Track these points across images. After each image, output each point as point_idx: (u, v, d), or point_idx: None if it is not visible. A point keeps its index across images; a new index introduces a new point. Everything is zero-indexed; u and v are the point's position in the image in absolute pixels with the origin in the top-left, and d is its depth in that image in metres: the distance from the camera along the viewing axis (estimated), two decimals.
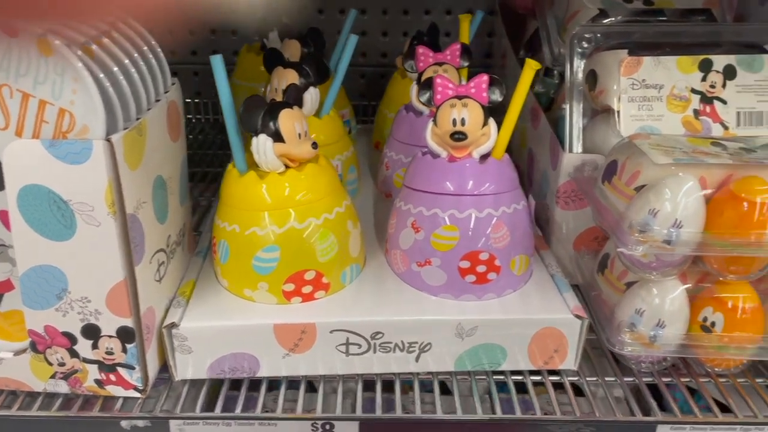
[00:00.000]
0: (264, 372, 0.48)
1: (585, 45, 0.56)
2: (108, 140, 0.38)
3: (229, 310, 0.48)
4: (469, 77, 0.52)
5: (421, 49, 0.60)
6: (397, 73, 0.76)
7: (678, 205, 0.43)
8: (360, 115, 0.94)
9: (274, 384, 0.49)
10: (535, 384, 0.50)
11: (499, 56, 0.90)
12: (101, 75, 0.39)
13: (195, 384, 0.49)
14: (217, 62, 0.45)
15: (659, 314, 0.47)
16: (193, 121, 0.99)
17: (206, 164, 0.84)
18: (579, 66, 0.56)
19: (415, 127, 0.61)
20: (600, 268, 0.54)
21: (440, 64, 0.60)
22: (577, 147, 0.56)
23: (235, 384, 0.49)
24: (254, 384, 0.49)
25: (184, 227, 0.52)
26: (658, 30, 0.56)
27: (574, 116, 0.56)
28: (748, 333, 0.47)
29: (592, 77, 0.56)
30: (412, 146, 0.62)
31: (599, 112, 0.57)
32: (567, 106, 0.56)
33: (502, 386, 0.49)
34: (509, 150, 0.50)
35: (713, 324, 0.47)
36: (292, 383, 0.49)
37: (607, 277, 0.53)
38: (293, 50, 0.70)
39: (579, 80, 0.56)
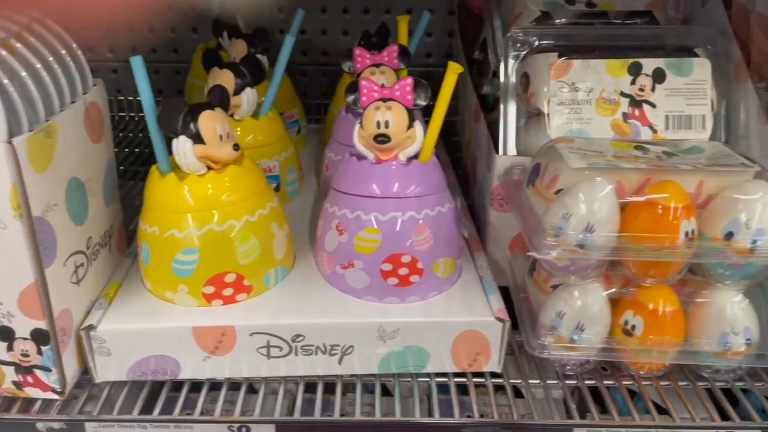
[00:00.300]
0: (186, 374, 0.48)
1: (519, 47, 0.56)
2: (9, 143, 0.38)
3: (150, 312, 0.48)
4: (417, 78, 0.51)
5: (358, 51, 0.60)
6: (346, 73, 0.76)
7: (591, 209, 0.43)
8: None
9: (196, 386, 0.49)
10: (477, 386, 0.51)
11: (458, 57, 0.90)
12: (5, 80, 0.38)
13: (117, 386, 0.49)
14: (137, 63, 0.44)
15: (579, 317, 0.47)
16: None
17: (152, 161, 0.83)
18: (514, 68, 0.56)
19: (353, 128, 0.61)
20: (530, 271, 0.54)
21: (378, 65, 0.60)
22: (512, 149, 0.56)
23: (160, 385, 0.49)
24: (177, 385, 0.49)
25: (111, 228, 0.52)
26: (592, 33, 0.56)
27: (509, 118, 0.56)
28: (668, 336, 0.47)
29: (525, 80, 0.56)
30: (350, 147, 0.61)
31: (534, 115, 0.57)
32: (501, 108, 0.56)
33: (444, 388, 0.49)
34: (459, 151, 0.50)
35: (633, 327, 0.48)
36: (215, 385, 0.49)
37: (535, 279, 0.53)
38: (240, 50, 0.70)
39: (513, 82, 0.56)
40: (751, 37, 0.58)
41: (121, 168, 0.81)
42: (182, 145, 0.46)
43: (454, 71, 0.47)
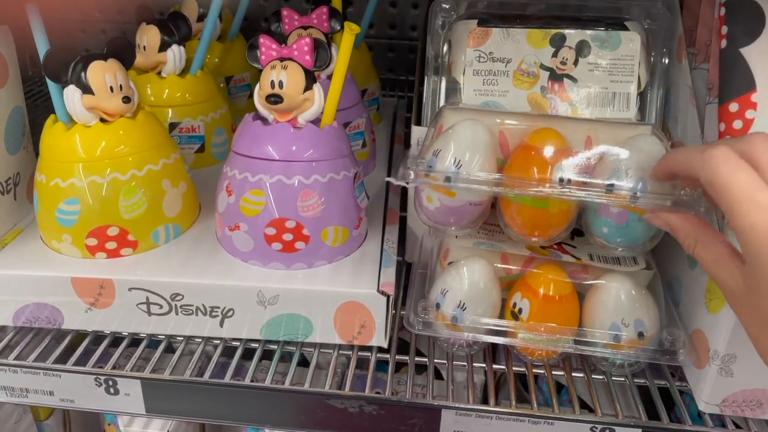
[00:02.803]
0: (68, 324, 0.48)
1: (445, 15, 0.53)
2: None
3: (34, 260, 0.48)
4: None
5: (285, 12, 0.58)
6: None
7: (459, 145, 0.42)
8: None
9: (117, 341, 0.50)
10: (401, 364, 0.50)
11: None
12: None
13: (2, 330, 0.49)
14: (32, 10, 0.44)
15: (460, 295, 0.45)
16: None
17: None
18: (440, 36, 0.54)
19: None
20: (438, 248, 0.52)
21: (306, 27, 0.58)
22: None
23: (82, 337, 0.50)
24: (98, 339, 0.50)
25: (16, 176, 0.53)
26: (522, 0, 0.53)
27: (430, 89, 0.54)
28: (555, 322, 0.45)
29: (449, 48, 0.54)
30: None
31: (453, 86, 0.54)
32: (425, 79, 0.54)
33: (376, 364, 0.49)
34: None
35: (520, 310, 0.45)
36: (135, 341, 0.50)
37: (439, 257, 0.51)
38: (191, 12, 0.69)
39: (436, 52, 0.53)
40: (699, 15, 0.54)
41: None
42: (71, 95, 0.46)
43: (350, 32, 0.45)
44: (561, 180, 0.42)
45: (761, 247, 0.31)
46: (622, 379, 0.48)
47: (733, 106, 0.45)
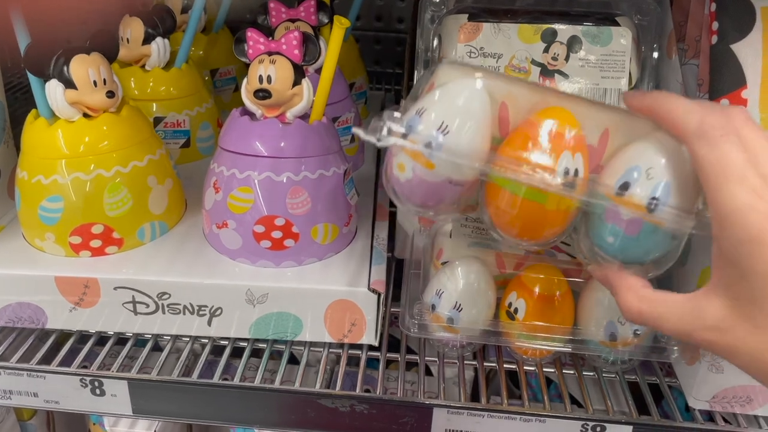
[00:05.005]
0: (52, 324, 0.47)
1: (434, 9, 0.53)
2: None
3: (16, 259, 0.47)
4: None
5: (272, 4, 0.57)
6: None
7: (448, 110, 0.34)
8: None
9: (103, 340, 0.49)
10: (391, 361, 0.50)
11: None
12: None
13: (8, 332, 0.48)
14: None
15: (456, 296, 0.45)
16: None
17: None
18: (430, 31, 0.53)
19: None
20: (431, 247, 0.51)
21: (293, 20, 0.57)
22: None
23: (67, 337, 0.49)
24: (83, 338, 0.49)
25: None
26: None
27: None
28: (552, 322, 0.45)
29: (440, 43, 0.53)
30: None
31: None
32: (415, 74, 0.53)
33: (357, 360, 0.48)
34: None
35: (516, 310, 0.45)
36: (121, 340, 0.49)
37: (432, 256, 0.50)
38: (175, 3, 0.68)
39: (426, 46, 0.53)
40: (689, 10, 0.53)
41: None
42: (53, 89, 0.44)
43: (340, 26, 0.44)
44: (566, 172, 0.34)
45: (743, 232, 0.28)
46: (613, 375, 0.48)
47: (724, 102, 0.45)
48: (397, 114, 0.35)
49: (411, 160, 0.36)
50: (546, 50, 0.50)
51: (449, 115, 0.34)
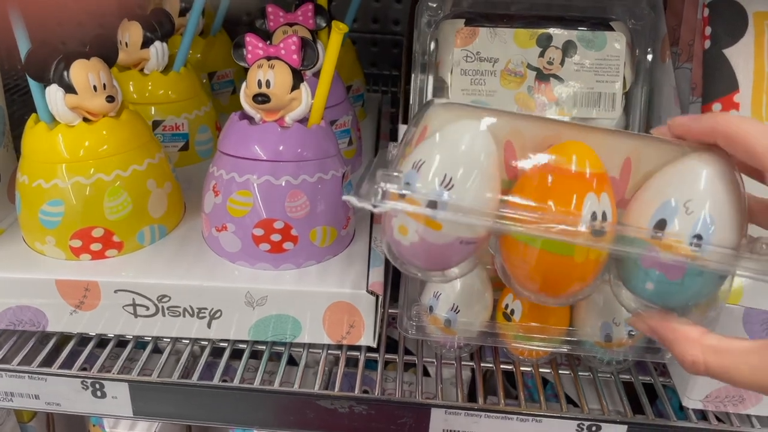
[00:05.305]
0: (53, 327, 0.48)
1: (431, 14, 0.53)
2: None
3: (17, 262, 0.47)
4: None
5: (270, 8, 0.58)
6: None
7: (450, 160, 0.31)
8: None
9: (103, 343, 0.49)
10: (388, 362, 0.50)
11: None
12: None
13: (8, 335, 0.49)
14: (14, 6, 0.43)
15: (453, 298, 0.45)
16: None
17: None
18: (427, 35, 0.54)
19: None
20: None
21: (291, 24, 0.58)
22: None
23: (67, 339, 0.49)
24: (84, 341, 0.49)
25: None
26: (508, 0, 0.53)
27: (418, 87, 0.54)
28: (547, 323, 0.45)
29: (436, 47, 0.54)
30: None
31: (441, 85, 0.54)
32: (412, 78, 0.54)
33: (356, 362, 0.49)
34: None
35: (513, 312, 0.46)
36: (121, 343, 0.49)
37: None
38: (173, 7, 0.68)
39: (423, 50, 0.53)
40: (683, 15, 0.54)
41: None
42: (53, 94, 0.45)
43: (338, 31, 0.45)
44: (594, 217, 0.31)
45: None
46: (608, 375, 0.49)
47: (717, 106, 0.46)
48: (394, 173, 0.31)
49: (413, 221, 0.33)
50: (541, 55, 0.50)
51: (451, 166, 0.31)
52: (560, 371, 0.49)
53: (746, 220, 0.31)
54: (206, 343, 0.49)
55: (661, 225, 0.30)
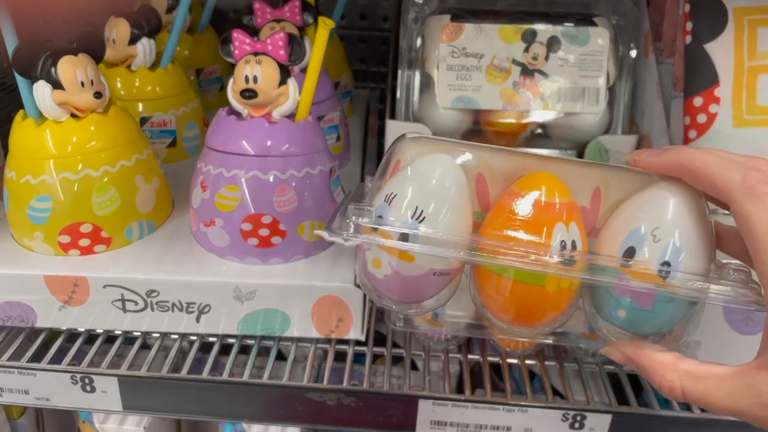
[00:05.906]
0: (42, 323, 0.48)
1: (417, 10, 0.54)
2: None
3: (6, 258, 0.47)
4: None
5: (258, 5, 0.58)
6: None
7: (421, 192, 0.31)
8: None
9: (92, 338, 0.49)
10: (377, 356, 0.50)
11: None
12: None
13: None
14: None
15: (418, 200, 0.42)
16: None
17: None
18: (414, 31, 0.54)
19: None
20: None
21: (278, 20, 0.58)
22: (407, 114, 0.54)
23: (56, 335, 0.50)
24: (72, 336, 0.49)
25: None
26: None
27: (405, 83, 0.54)
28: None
29: (423, 43, 0.54)
30: None
31: (427, 81, 0.55)
32: (399, 73, 0.54)
33: (340, 355, 0.49)
34: None
35: None
36: (110, 338, 0.49)
37: None
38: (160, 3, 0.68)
39: (409, 46, 0.54)
40: (665, 10, 0.55)
41: None
42: (41, 90, 0.45)
43: (325, 26, 0.45)
44: (563, 246, 0.31)
45: None
46: (594, 366, 0.49)
47: (698, 101, 0.47)
48: (366, 207, 0.32)
49: (386, 254, 0.33)
50: (526, 50, 0.51)
51: (423, 199, 0.32)
52: (546, 362, 0.49)
53: (714, 246, 0.32)
54: (195, 338, 0.50)
55: (630, 253, 0.31)
